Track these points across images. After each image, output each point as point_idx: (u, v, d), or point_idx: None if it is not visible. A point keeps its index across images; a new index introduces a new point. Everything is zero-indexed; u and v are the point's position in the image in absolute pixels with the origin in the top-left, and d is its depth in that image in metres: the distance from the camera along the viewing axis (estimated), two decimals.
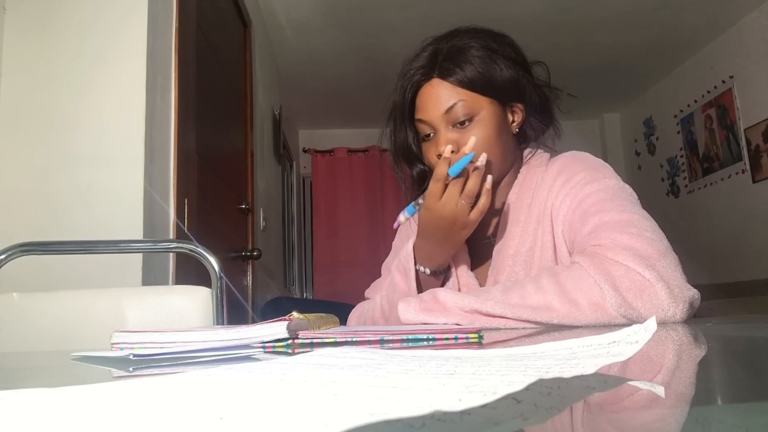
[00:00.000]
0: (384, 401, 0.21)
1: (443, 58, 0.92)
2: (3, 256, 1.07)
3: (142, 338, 0.58)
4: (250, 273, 2.64)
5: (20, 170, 1.44)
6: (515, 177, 0.97)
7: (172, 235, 1.62)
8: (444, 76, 0.91)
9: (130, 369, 0.47)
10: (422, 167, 1.01)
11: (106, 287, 1.20)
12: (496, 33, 0.96)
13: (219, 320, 1.12)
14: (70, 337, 1.05)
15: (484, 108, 0.90)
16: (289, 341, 0.56)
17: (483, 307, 0.73)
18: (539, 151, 0.99)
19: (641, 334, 0.32)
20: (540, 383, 0.24)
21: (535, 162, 0.97)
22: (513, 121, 0.95)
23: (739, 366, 0.37)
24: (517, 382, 0.22)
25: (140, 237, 1.42)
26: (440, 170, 0.83)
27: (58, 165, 1.44)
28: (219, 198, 2.23)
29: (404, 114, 0.97)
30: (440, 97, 0.91)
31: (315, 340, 0.57)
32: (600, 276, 0.71)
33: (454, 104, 0.89)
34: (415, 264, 0.91)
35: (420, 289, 0.90)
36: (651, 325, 0.33)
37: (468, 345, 0.53)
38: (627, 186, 0.89)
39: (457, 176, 0.83)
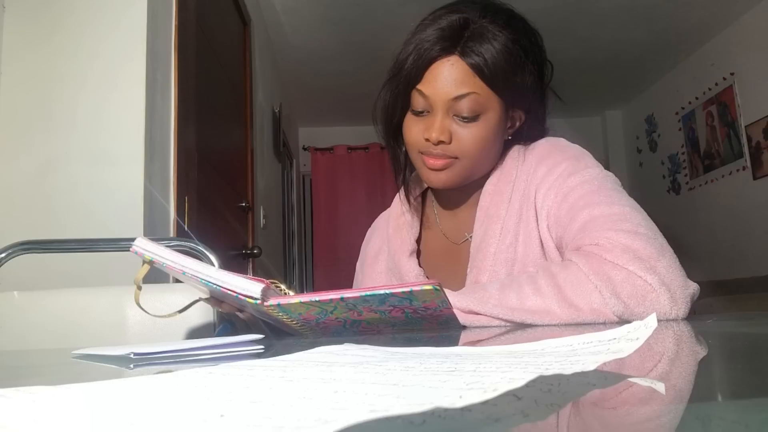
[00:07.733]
0: (384, 398, 0.21)
1: (471, 35, 0.82)
2: (3, 255, 1.08)
3: (162, 252, 0.65)
4: (250, 271, 2.64)
5: (20, 169, 1.44)
6: (492, 169, 0.92)
7: (172, 233, 1.62)
8: (465, 56, 0.81)
9: (131, 366, 0.47)
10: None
11: (106, 285, 1.20)
12: (530, 28, 0.88)
13: (219, 318, 1.12)
14: (70, 335, 1.05)
15: (492, 108, 0.84)
16: (258, 301, 0.61)
17: (482, 309, 0.72)
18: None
19: (641, 331, 0.32)
20: (540, 380, 0.24)
21: (511, 152, 0.92)
22: (510, 126, 0.90)
23: (739, 363, 0.37)
24: (517, 379, 0.22)
25: (140, 235, 1.42)
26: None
27: (58, 163, 1.44)
28: (219, 196, 2.23)
29: (408, 85, 0.86)
30: (454, 80, 0.82)
31: (282, 302, 0.62)
32: (600, 282, 0.69)
33: (466, 95, 0.82)
34: None
35: None
36: (651, 322, 0.33)
37: (433, 302, 0.61)
38: (610, 173, 0.86)
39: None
